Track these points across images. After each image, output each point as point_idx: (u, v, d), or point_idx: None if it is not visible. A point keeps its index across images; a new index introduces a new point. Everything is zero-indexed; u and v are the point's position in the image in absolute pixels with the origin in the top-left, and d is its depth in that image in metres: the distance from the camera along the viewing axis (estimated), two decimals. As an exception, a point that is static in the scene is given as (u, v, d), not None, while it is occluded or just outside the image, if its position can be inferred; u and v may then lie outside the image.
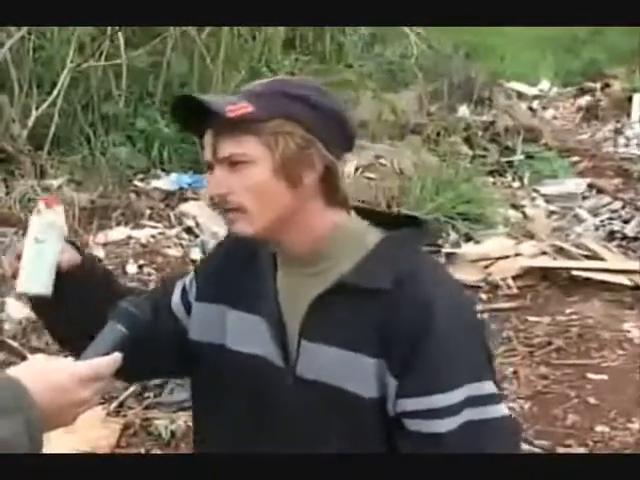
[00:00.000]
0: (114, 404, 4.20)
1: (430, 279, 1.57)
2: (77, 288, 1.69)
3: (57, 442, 3.81)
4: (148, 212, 6.71)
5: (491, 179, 8.29)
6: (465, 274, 6.06)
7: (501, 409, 1.57)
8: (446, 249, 6.43)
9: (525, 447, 4.11)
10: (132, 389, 4.30)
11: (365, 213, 1.64)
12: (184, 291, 1.78)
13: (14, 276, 1.63)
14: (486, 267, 6.16)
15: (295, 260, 1.61)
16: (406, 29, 9.56)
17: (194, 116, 1.54)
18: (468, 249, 6.51)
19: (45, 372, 1.36)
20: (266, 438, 1.63)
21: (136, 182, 7.26)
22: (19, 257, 1.64)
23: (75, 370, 1.38)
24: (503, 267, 6.13)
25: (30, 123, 7.36)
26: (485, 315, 5.64)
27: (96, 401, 1.42)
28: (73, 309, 1.71)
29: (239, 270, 1.69)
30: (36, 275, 1.62)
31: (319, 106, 1.54)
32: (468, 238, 6.82)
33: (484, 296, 5.90)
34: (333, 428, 1.58)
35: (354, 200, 1.67)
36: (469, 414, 1.52)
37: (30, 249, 1.62)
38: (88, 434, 3.91)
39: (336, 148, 1.56)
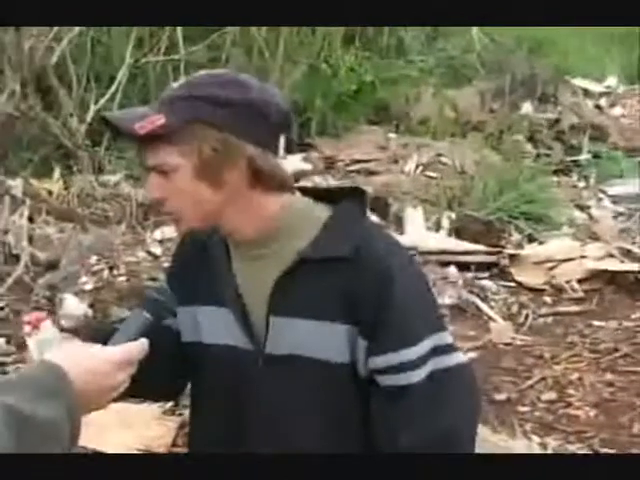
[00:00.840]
0: (170, 403, 4.14)
1: (383, 243, 1.68)
2: None
3: (113, 440, 3.79)
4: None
5: (555, 179, 8.13)
6: (528, 276, 5.96)
7: (460, 356, 1.69)
8: (509, 250, 6.30)
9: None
10: (189, 387, 4.24)
11: (307, 191, 1.73)
12: None
13: None
14: (550, 269, 6.06)
15: (247, 244, 1.68)
16: (469, 24, 9.41)
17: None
18: (532, 250, 6.38)
19: (82, 357, 1.43)
20: (249, 424, 1.70)
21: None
22: None
23: (110, 355, 1.46)
24: (568, 270, 6.03)
25: (88, 118, 7.37)
26: (549, 319, 5.52)
27: (127, 385, 1.48)
28: None
29: (196, 268, 1.77)
30: None
31: (230, 102, 1.58)
32: (531, 239, 6.69)
33: (548, 299, 5.80)
34: (309, 400, 1.67)
35: (416, 198, 1.67)
36: (434, 363, 1.64)
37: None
38: (144, 432, 3.92)
39: (258, 139, 1.60)
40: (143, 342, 1.51)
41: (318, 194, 1.73)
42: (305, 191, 1.73)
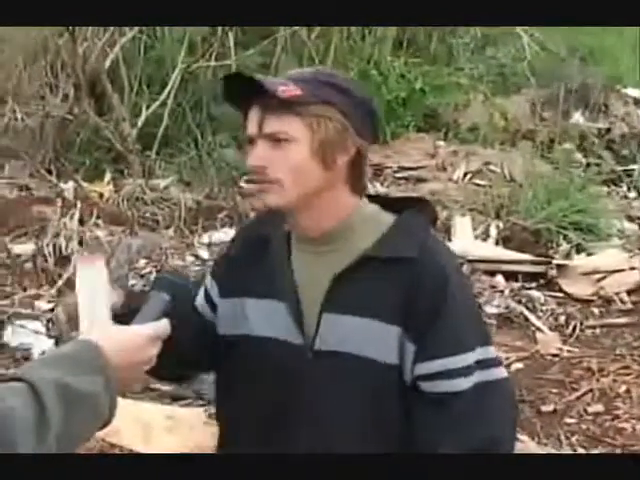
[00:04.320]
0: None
1: (441, 250, 1.73)
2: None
3: (159, 443, 3.81)
4: (253, 214, 6.70)
5: (606, 189, 8.04)
6: (576, 287, 5.90)
7: (503, 371, 1.72)
8: (557, 260, 6.25)
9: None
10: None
11: (375, 199, 1.79)
12: (206, 292, 1.90)
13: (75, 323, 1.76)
14: (599, 280, 5.99)
15: (312, 239, 1.72)
16: (520, 31, 9.36)
17: (244, 92, 1.65)
18: (580, 261, 6.32)
19: (115, 335, 1.49)
20: (292, 417, 1.72)
21: (242, 184, 7.26)
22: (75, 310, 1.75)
23: (142, 331, 1.52)
24: (617, 281, 5.96)
25: (140, 123, 7.45)
26: (597, 331, 5.46)
27: (155, 361, 1.54)
28: None
29: (254, 260, 1.79)
30: (95, 322, 1.72)
31: (355, 96, 1.68)
32: (580, 249, 6.62)
33: (596, 310, 5.73)
34: (353, 397, 1.68)
35: (464, 206, 1.70)
36: (480, 375, 1.66)
37: (83, 301, 1.73)
38: (190, 436, 3.93)
39: (365, 136, 1.69)
40: (166, 322, 1.57)
41: (385, 202, 1.78)
42: (373, 199, 1.78)
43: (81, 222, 6.05)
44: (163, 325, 1.56)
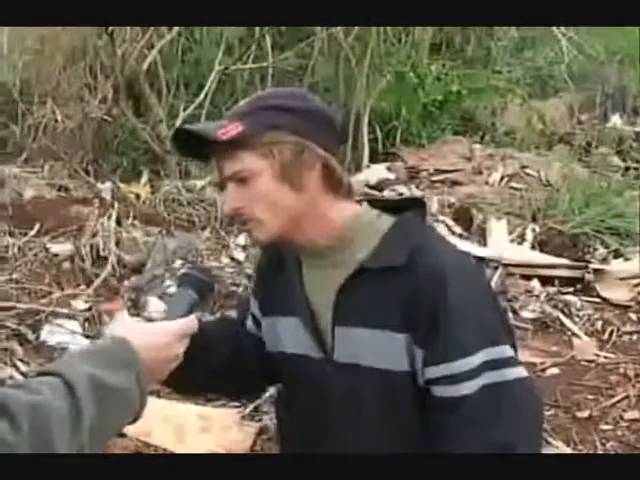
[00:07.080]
0: (249, 408, 4.19)
1: (438, 249, 1.70)
2: None
3: (192, 443, 3.84)
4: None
5: (644, 193, 7.96)
6: (613, 292, 5.84)
7: (518, 371, 1.66)
8: (594, 265, 6.20)
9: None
10: (268, 394, 4.27)
11: (376, 203, 1.77)
12: (251, 311, 1.94)
13: None
14: (636, 286, 5.93)
15: (316, 254, 1.73)
16: (558, 34, 9.31)
17: (197, 145, 1.67)
18: (617, 266, 6.26)
19: (144, 331, 1.52)
20: (325, 425, 1.75)
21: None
22: None
23: (169, 328, 1.55)
24: (655, 286, 5.88)
25: (177, 124, 7.49)
26: (634, 337, 5.41)
27: (181, 357, 1.57)
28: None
29: (275, 278, 1.84)
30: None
31: (302, 111, 1.67)
32: (617, 254, 6.55)
33: (633, 316, 5.67)
34: (371, 407, 1.70)
35: (500, 210, 1.67)
36: (488, 377, 1.62)
37: None
38: (223, 437, 3.96)
39: (328, 145, 1.68)
40: (193, 318, 1.60)
41: (385, 205, 1.77)
42: (373, 203, 1.78)
43: (118, 223, 6.08)
44: (190, 322, 1.58)
